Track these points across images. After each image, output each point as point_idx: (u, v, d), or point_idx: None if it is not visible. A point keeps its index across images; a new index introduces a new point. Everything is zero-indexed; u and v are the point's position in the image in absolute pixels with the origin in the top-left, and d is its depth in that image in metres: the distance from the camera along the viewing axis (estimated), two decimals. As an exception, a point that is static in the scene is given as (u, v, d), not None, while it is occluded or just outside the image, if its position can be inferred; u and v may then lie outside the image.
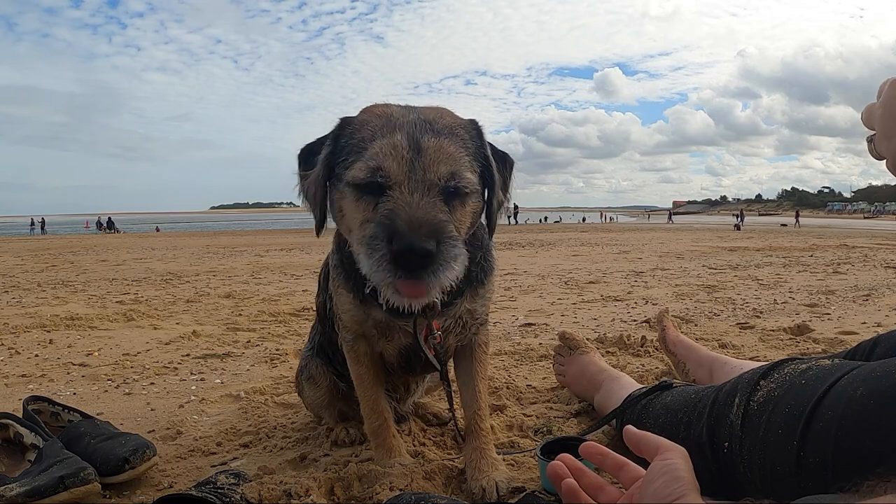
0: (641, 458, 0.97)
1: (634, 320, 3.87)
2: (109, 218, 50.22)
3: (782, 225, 35.47)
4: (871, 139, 1.08)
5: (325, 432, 1.83)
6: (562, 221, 62.99)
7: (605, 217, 78.13)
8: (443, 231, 1.10)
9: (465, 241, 1.19)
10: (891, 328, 1.42)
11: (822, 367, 1.08)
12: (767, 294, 4.94)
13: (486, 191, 1.34)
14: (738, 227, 26.84)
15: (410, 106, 1.29)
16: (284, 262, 9.78)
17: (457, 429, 1.68)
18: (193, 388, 2.46)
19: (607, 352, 2.81)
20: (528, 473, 1.47)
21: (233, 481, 1.38)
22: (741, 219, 40.12)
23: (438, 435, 1.80)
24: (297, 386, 1.96)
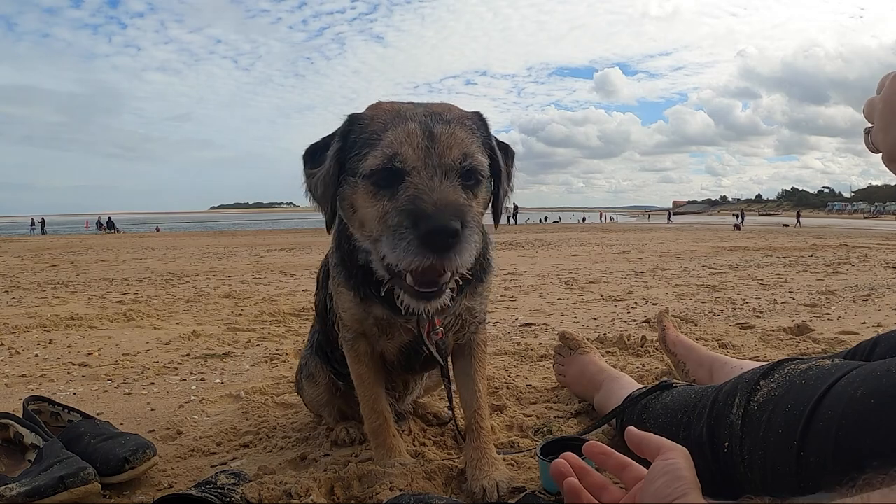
0: (644, 459, 0.97)
1: (634, 320, 3.87)
2: (109, 218, 50.22)
3: (784, 225, 35.46)
4: (868, 131, 1.09)
5: (325, 432, 1.83)
6: (561, 221, 62.98)
7: (604, 217, 78.20)
8: (466, 213, 1.11)
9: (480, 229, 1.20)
10: (891, 328, 1.42)
11: (823, 367, 1.08)
12: (767, 294, 4.94)
13: (493, 181, 1.35)
14: (737, 227, 26.77)
15: (416, 102, 1.32)
16: (284, 262, 9.78)
17: (456, 428, 1.68)
18: (193, 388, 2.46)
19: (607, 352, 2.81)
20: (528, 473, 1.47)
21: (233, 481, 1.38)
22: (741, 219, 39.90)
23: (438, 435, 1.81)
24: (297, 385, 1.96)
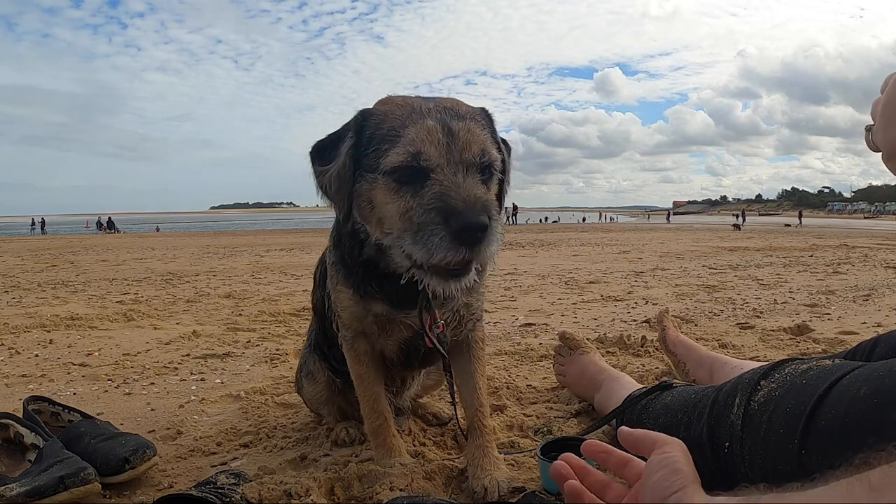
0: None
1: (634, 320, 3.87)
2: (109, 218, 50.22)
3: (787, 225, 35.46)
4: (869, 128, 1.09)
5: (325, 432, 1.83)
6: (560, 221, 62.97)
7: (604, 217, 78.24)
8: (491, 207, 1.14)
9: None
10: (891, 328, 1.42)
11: (823, 366, 1.08)
12: (767, 294, 4.94)
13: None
14: (737, 227, 26.72)
15: (423, 96, 1.32)
16: (284, 262, 9.78)
17: (457, 421, 1.67)
18: (193, 388, 2.46)
19: (607, 352, 2.81)
20: (528, 473, 1.47)
21: (233, 481, 1.38)
22: (742, 219, 39.63)
23: (438, 435, 1.81)
24: (297, 383, 1.96)
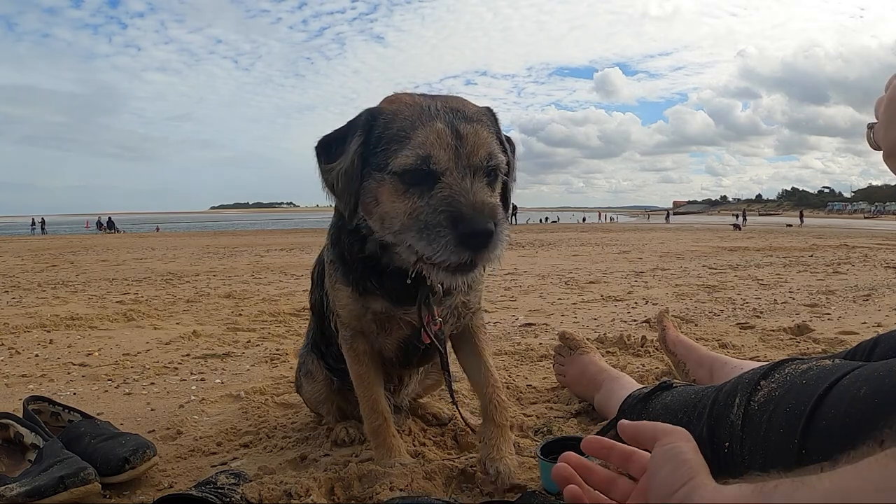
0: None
1: (634, 320, 3.87)
2: (109, 218, 50.22)
3: (788, 225, 35.44)
4: (871, 126, 1.09)
5: (325, 432, 1.83)
6: (559, 221, 62.97)
7: (604, 217, 78.31)
8: (498, 213, 1.17)
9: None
10: (891, 328, 1.42)
11: (823, 366, 1.08)
12: (767, 294, 4.94)
13: None
14: (738, 228, 26.67)
15: (430, 94, 1.33)
16: (284, 262, 9.78)
17: (460, 414, 1.67)
18: (193, 388, 2.46)
19: (607, 352, 2.81)
20: (528, 473, 1.47)
21: (233, 481, 1.38)
22: (743, 219, 39.36)
23: (438, 435, 1.80)
24: (297, 382, 1.96)
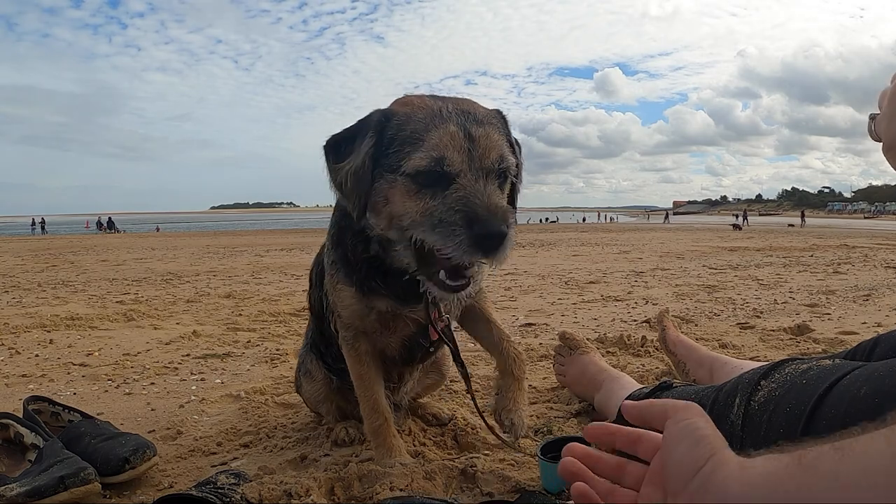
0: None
1: (634, 320, 3.87)
2: (109, 218, 50.24)
3: (790, 225, 35.40)
4: (873, 117, 1.08)
5: (325, 432, 1.83)
6: (559, 221, 63.02)
7: (604, 217, 78.40)
8: (509, 216, 1.20)
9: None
10: (891, 328, 1.42)
11: (823, 366, 1.08)
12: (768, 294, 4.94)
13: None
14: (738, 228, 26.63)
15: (440, 96, 1.34)
16: (284, 262, 9.79)
17: (476, 405, 1.67)
18: (193, 388, 2.46)
19: (607, 352, 2.81)
20: (528, 473, 1.47)
21: (233, 481, 1.38)
22: (744, 220, 39.05)
23: (438, 435, 1.80)
24: (297, 382, 1.97)
